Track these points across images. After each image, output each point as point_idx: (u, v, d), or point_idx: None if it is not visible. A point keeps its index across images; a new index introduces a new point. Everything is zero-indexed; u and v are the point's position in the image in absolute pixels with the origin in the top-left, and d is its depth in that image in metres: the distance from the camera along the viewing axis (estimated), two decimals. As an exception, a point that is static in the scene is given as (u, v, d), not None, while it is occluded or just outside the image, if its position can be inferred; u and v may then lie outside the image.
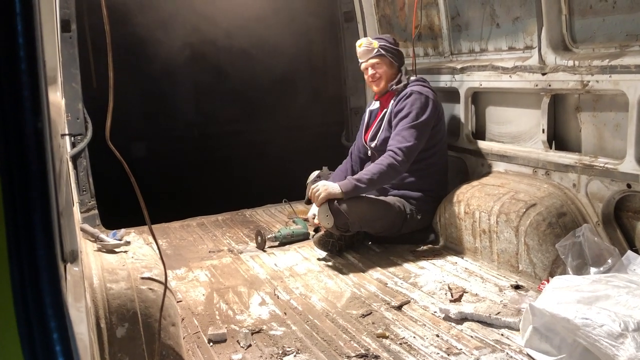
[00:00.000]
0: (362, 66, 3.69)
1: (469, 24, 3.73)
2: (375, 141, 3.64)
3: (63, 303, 0.48)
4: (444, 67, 3.94)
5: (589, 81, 2.80)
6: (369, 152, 3.77)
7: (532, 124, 3.36)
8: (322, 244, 3.45)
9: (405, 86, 3.59)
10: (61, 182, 0.78)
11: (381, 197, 3.52)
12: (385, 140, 3.54)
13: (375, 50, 3.58)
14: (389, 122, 3.55)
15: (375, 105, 3.82)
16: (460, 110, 3.83)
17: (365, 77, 3.74)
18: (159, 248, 1.79)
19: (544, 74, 3.08)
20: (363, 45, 3.61)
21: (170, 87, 6.56)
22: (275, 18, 5.76)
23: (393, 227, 3.49)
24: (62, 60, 3.49)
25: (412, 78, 3.67)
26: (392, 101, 3.60)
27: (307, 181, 4.06)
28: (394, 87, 3.61)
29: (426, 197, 3.56)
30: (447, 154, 3.73)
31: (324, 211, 3.32)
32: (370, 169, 3.38)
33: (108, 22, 1.28)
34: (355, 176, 3.37)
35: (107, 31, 1.28)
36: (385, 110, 3.64)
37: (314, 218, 3.80)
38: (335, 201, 3.35)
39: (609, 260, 2.59)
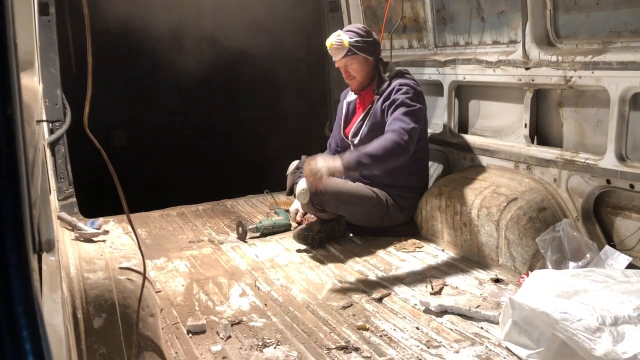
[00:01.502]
0: (336, 64, 3.54)
1: (454, 17, 3.73)
2: (359, 137, 3.51)
3: (33, 299, 0.46)
4: (428, 60, 3.94)
5: (571, 77, 2.82)
6: (350, 147, 3.63)
7: (514, 118, 3.38)
8: (301, 237, 3.43)
9: (389, 83, 3.44)
10: (35, 170, 0.75)
11: (362, 185, 3.49)
12: (369, 136, 3.43)
13: (346, 49, 3.36)
14: (375, 117, 3.44)
15: (353, 96, 3.68)
16: (443, 103, 3.83)
17: (342, 72, 3.57)
18: (137, 238, 1.76)
19: (527, 69, 3.10)
20: (333, 44, 3.38)
21: (151, 75, 6.48)
22: (258, 8, 5.71)
23: (370, 217, 3.47)
24: (40, 44, 3.40)
25: (395, 69, 3.52)
26: (376, 98, 3.46)
27: (287, 172, 4.04)
28: (376, 89, 3.45)
29: (410, 193, 3.55)
30: (428, 150, 3.69)
31: (301, 186, 3.34)
32: (374, 145, 3.13)
33: (87, 4, 1.24)
34: (360, 150, 3.13)
35: (85, 14, 1.24)
36: (369, 107, 3.49)
37: (296, 213, 3.76)
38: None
39: (588, 255, 2.62)
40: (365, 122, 3.49)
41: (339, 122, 3.81)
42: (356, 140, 3.53)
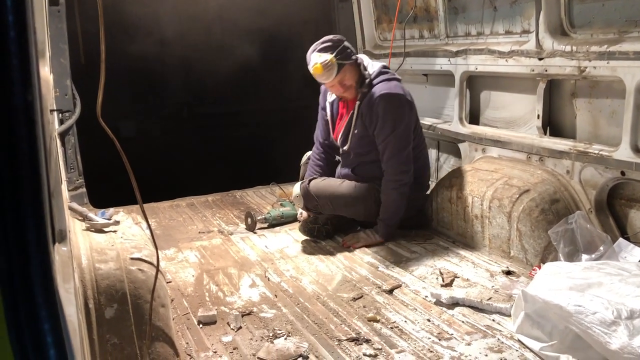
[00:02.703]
0: (329, 85, 3.27)
1: (465, 7, 3.68)
2: (348, 144, 3.37)
3: (55, 291, 0.45)
4: (439, 50, 3.89)
5: (586, 67, 2.78)
6: (341, 150, 3.51)
7: (527, 109, 3.34)
8: (307, 230, 3.42)
9: (370, 85, 3.25)
10: (51, 160, 0.74)
11: (357, 184, 3.38)
12: (358, 145, 3.33)
13: (336, 65, 3.11)
14: (363, 126, 3.29)
15: (334, 95, 3.46)
16: (454, 94, 3.79)
17: (332, 91, 3.35)
18: (150, 229, 1.76)
19: (540, 59, 3.05)
20: (323, 69, 3.09)
21: (159, 66, 6.46)
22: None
23: (370, 214, 3.39)
24: (50, 34, 3.39)
25: (374, 69, 3.29)
26: (357, 104, 3.28)
27: (301, 162, 4.03)
28: (360, 91, 3.26)
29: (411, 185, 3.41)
30: (425, 144, 3.53)
31: (296, 191, 3.38)
32: (387, 207, 3.26)
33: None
34: (384, 220, 3.26)
35: (99, 3, 1.23)
36: (352, 112, 3.31)
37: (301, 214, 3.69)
38: (307, 182, 3.39)
39: (601, 248, 2.59)
40: (352, 132, 3.34)
41: (324, 122, 3.61)
42: (345, 147, 3.41)
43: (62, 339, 0.44)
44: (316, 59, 3.12)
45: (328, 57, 3.10)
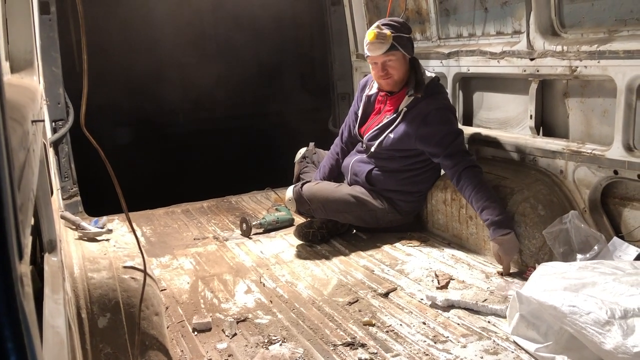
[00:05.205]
0: (371, 60, 3.20)
1: (457, 8, 3.69)
2: (378, 143, 3.27)
3: (18, 309, 0.44)
4: (431, 52, 3.89)
5: (577, 67, 2.78)
6: (363, 145, 3.43)
7: (519, 109, 3.34)
8: (302, 235, 3.39)
9: (421, 100, 3.18)
10: (26, 172, 0.73)
11: (352, 192, 3.37)
12: (391, 147, 3.24)
13: (390, 44, 3.08)
14: (402, 134, 3.20)
15: (374, 89, 3.41)
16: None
17: (373, 71, 3.25)
18: (136, 237, 1.75)
19: (532, 59, 3.06)
20: (376, 38, 3.07)
21: (155, 72, 6.46)
22: (261, 2, 5.68)
23: (362, 221, 3.40)
24: (41, 43, 3.39)
25: (427, 76, 3.25)
26: (403, 109, 3.20)
27: (295, 160, 4.03)
28: (412, 94, 3.19)
29: (414, 197, 3.45)
30: (439, 168, 3.45)
31: (289, 195, 3.37)
32: (483, 195, 2.90)
33: (81, 1, 1.23)
34: (495, 216, 2.81)
35: (80, 11, 1.23)
36: (394, 116, 3.24)
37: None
38: (300, 186, 3.37)
39: (596, 247, 2.59)
40: (389, 133, 3.25)
41: (354, 113, 3.55)
42: (373, 147, 3.31)
43: (26, 357, 0.44)
44: (374, 27, 3.13)
45: (387, 31, 3.10)
